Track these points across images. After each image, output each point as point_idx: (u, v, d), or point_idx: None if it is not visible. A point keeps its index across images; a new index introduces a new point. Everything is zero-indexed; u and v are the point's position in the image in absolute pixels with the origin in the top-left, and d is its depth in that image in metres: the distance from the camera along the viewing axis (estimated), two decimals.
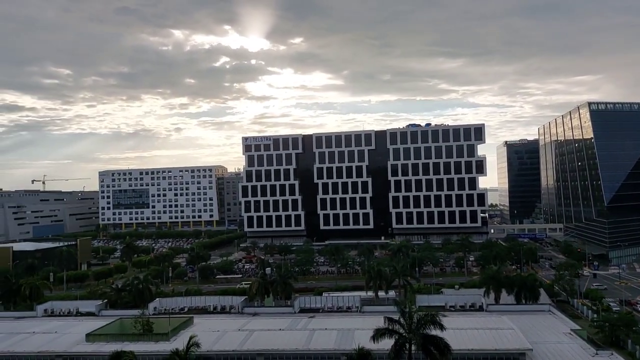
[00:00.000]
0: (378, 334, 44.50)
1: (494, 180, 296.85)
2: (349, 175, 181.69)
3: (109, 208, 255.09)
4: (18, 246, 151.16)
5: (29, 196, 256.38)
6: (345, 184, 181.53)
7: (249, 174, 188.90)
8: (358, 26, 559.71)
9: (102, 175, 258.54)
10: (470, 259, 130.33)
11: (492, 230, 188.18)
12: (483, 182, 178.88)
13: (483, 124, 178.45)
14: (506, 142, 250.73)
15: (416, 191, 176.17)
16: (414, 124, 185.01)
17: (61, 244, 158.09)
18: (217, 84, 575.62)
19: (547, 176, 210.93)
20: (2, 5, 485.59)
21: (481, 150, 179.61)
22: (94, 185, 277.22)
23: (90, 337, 59.31)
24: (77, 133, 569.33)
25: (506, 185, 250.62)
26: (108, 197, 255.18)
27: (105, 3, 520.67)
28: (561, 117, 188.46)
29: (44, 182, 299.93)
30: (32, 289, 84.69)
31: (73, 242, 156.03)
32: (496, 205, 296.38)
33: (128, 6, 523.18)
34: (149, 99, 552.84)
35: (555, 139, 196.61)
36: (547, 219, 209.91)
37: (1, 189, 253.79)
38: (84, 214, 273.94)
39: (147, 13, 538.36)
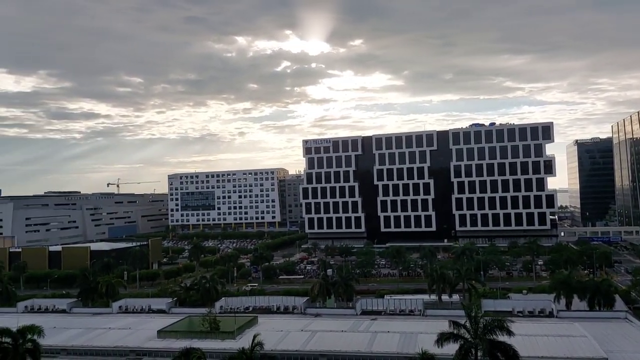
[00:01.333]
0: (442, 338, 43.76)
1: (563, 180, 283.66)
2: (410, 177, 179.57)
3: (177, 210, 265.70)
4: (95, 246, 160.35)
5: (104, 199, 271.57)
6: (406, 186, 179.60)
7: (309, 176, 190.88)
8: (418, 26, 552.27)
9: (171, 178, 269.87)
10: (539, 263, 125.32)
11: (562, 233, 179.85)
12: (552, 183, 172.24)
13: (551, 122, 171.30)
14: (577, 140, 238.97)
15: (480, 193, 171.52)
16: (478, 124, 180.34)
17: (134, 244, 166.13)
18: (278, 88, 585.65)
19: (622, 176, 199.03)
20: (78, 19, 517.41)
21: (550, 149, 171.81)
22: (163, 188, 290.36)
23: (161, 333, 61.94)
24: (148, 138, 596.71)
25: (577, 186, 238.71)
26: (177, 199, 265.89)
27: (173, 13, 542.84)
28: (637, 113, 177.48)
29: (118, 185, 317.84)
30: (108, 286, 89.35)
31: (145, 243, 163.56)
32: (566, 207, 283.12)
33: (195, 15, 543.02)
34: (214, 105, 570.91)
35: (631, 136, 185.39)
36: (622, 221, 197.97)
37: (80, 192, 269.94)
38: (154, 216, 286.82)
39: (213, 21, 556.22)
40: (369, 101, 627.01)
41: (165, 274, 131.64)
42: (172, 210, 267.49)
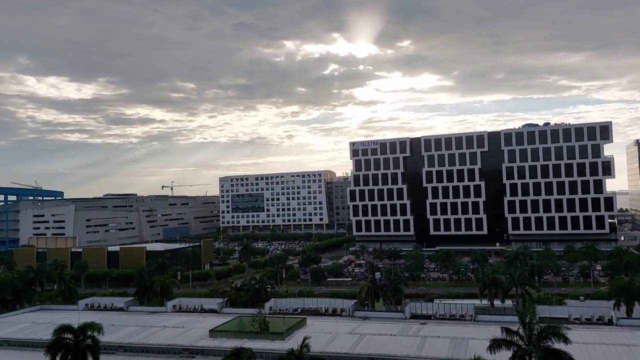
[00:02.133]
0: (495, 345, 42.71)
1: (623, 182, 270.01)
2: (460, 179, 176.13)
3: (228, 212, 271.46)
4: (150, 246, 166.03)
5: (159, 201, 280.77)
6: (456, 188, 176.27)
7: (356, 179, 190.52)
8: (467, 25, 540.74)
9: (222, 181, 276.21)
10: (597, 268, 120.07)
11: (623, 238, 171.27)
12: (611, 185, 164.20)
13: (610, 122, 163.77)
14: (637, 140, 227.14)
15: (534, 195, 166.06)
16: (531, 124, 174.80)
17: (187, 245, 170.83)
18: (326, 91, 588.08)
19: None
20: (135, 28, 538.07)
21: (608, 150, 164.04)
22: (215, 190, 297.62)
23: (213, 332, 63.51)
24: (200, 142, 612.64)
25: (638, 188, 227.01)
26: (227, 201, 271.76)
27: (224, 20, 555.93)
28: None
29: (172, 188, 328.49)
30: (162, 286, 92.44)
31: (197, 244, 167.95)
32: (626, 210, 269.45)
33: (245, 21, 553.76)
34: (263, 108, 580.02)
35: None
36: None
37: (136, 195, 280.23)
38: (206, 217, 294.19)
39: (262, 27, 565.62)
40: (418, 102, 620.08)
41: (216, 275, 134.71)
42: (223, 212, 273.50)
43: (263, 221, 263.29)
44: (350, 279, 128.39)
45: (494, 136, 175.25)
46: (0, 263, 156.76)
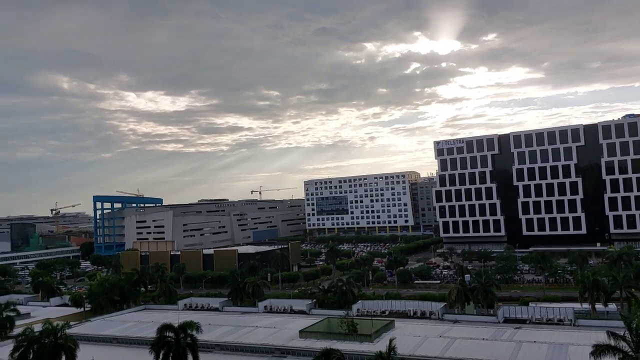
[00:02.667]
0: (598, 351, 40.28)
1: None
2: (554, 176, 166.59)
3: (313, 214, 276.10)
4: (242, 249, 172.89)
5: (249, 205, 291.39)
6: (550, 186, 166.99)
7: (442, 179, 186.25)
8: (557, 13, 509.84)
9: (307, 184, 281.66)
10: None
11: None
12: None
13: None
14: None
15: (638, 191, 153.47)
16: (632, 114, 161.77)
17: (276, 247, 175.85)
18: (408, 90, 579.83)
19: None
20: (222, 41, 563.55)
21: None
22: (300, 194, 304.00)
23: (303, 333, 65.14)
24: (285, 147, 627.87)
25: None
26: (312, 204, 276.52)
27: (305, 27, 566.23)
28: None
29: (260, 193, 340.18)
30: (254, 287, 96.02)
31: (285, 246, 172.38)
32: None
33: (325, 27, 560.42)
34: (345, 112, 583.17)
35: None
36: None
37: (228, 200, 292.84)
38: (293, 220, 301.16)
39: (342, 30, 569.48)
40: (505, 97, 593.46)
41: (304, 276, 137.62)
42: (308, 214, 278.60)
43: (347, 223, 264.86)
44: (439, 281, 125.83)
45: (590, 129, 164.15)
46: (109, 266, 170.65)
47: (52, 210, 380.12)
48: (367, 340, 60.60)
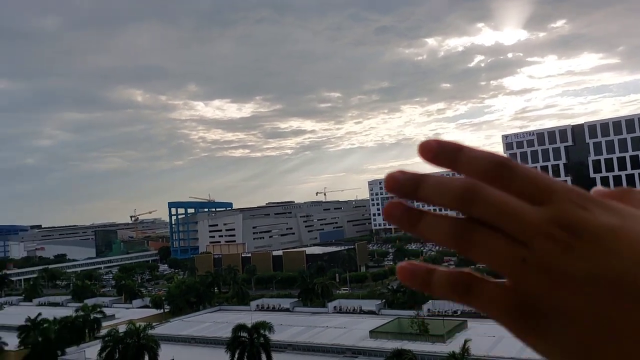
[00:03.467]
0: None
1: None
2: (635, 166, 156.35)
3: (379, 214, 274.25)
4: (309, 250, 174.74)
5: (314, 206, 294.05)
6: (630, 177, 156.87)
7: None
8: None
9: (371, 184, 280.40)
10: None
11: None
12: None
13: None
14: None
15: None
16: None
17: (342, 247, 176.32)
18: (472, 84, 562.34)
19: None
20: (284, 46, 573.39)
21: None
22: (364, 194, 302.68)
23: (373, 333, 65.17)
24: (348, 148, 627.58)
25: None
26: (377, 204, 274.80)
27: (365, 27, 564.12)
28: None
29: (325, 194, 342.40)
30: (323, 287, 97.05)
31: (352, 246, 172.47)
32: None
33: (385, 25, 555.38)
34: (407, 109, 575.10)
35: None
36: None
37: (294, 202, 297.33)
38: (358, 220, 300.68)
39: (402, 27, 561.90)
40: (578, 85, 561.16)
41: (372, 276, 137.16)
42: (374, 214, 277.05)
43: None
44: None
45: None
46: (184, 268, 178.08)
47: (131, 217, 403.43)
48: (439, 340, 59.80)
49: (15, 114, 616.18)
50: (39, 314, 77.79)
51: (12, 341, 75.12)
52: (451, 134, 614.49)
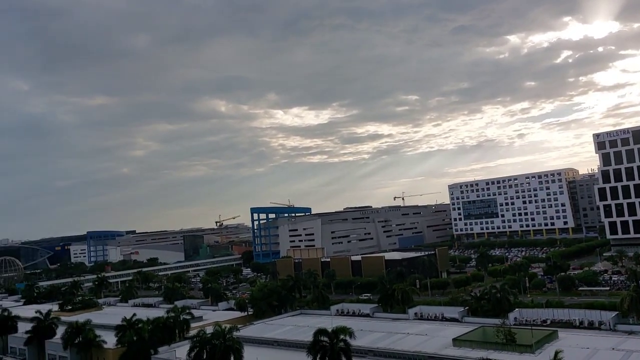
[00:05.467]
0: None
1: None
2: None
3: (460, 219, 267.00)
4: (388, 255, 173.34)
5: (392, 211, 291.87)
6: None
7: (605, 175, 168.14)
8: None
9: (452, 188, 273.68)
10: None
11: None
12: None
13: None
14: None
15: None
16: None
17: (422, 253, 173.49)
18: (559, 81, 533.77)
19: None
20: (359, 52, 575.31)
21: None
22: (444, 198, 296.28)
23: (457, 342, 63.37)
24: (426, 152, 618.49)
25: None
26: (458, 208, 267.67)
27: (442, 27, 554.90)
28: None
29: (403, 199, 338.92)
30: (403, 293, 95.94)
31: (432, 252, 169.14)
32: None
33: (463, 24, 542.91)
34: (489, 110, 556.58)
35: None
36: None
37: (371, 206, 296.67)
38: (438, 225, 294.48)
39: (482, 26, 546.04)
40: None
41: (454, 283, 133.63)
42: (454, 219, 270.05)
43: (498, 227, 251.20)
44: (608, 288, 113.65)
45: None
46: (266, 272, 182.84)
47: (216, 222, 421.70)
48: (527, 351, 57.10)
49: (112, 128, 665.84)
50: (134, 315, 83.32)
51: (110, 339, 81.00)
52: (537, 135, 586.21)
